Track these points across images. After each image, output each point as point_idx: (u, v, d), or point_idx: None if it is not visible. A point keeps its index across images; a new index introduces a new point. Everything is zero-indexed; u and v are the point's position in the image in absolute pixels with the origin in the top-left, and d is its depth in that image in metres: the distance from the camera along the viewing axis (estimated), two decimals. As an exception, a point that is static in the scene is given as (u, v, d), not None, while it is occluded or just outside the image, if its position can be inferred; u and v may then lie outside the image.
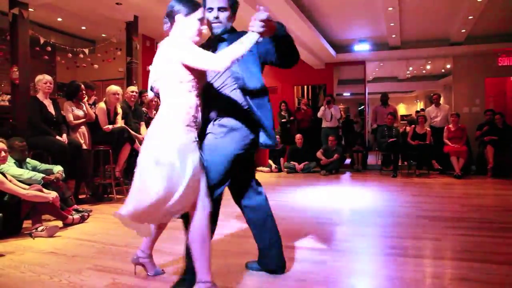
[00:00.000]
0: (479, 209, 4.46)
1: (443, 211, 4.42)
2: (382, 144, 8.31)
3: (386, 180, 7.43)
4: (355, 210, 4.57)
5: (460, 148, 7.64)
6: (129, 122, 5.57)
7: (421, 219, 3.97)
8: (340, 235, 3.40)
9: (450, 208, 4.60)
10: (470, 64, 9.46)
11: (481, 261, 2.62)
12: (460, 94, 9.63)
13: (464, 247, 2.95)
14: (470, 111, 9.44)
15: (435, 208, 4.59)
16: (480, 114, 8.85)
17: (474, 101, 9.48)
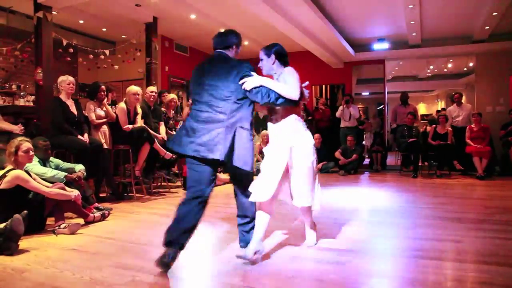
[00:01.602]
0: (503, 211, 4.35)
1: (465, 212, 4.33)
2: (401, 144, 8.19)
3: (406, 181, 7.32)
4: (374, 211, 4.52)
5: (483, 149, 7.47)
6: (149, 122, 5.65)
7: (442, 220, 3.89)
8: (359, 236, 3.37)
9: (472, 210, 4.50)
10: (493, 62, 9.24)
11: (505, 265, 2.55)
12: (483, 93, 9.42)
13: (487, 250, 2.89)
14: (494, 110, 9.24)
15: (457, 209, 4.50)
16: (504, 114, 8.66)
17: (498, 100, 9.27)
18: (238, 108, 2.63)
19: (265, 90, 2.65)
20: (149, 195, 5.70)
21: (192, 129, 2.59)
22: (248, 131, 2.66)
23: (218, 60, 2.77)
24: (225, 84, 2.63)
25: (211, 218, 4.10)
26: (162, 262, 2.44)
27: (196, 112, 2.64)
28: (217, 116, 2.58)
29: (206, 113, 2.60)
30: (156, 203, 5.14)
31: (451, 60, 11.22)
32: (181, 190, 6.22)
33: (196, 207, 2.58)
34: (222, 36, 2.85)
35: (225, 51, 2.83)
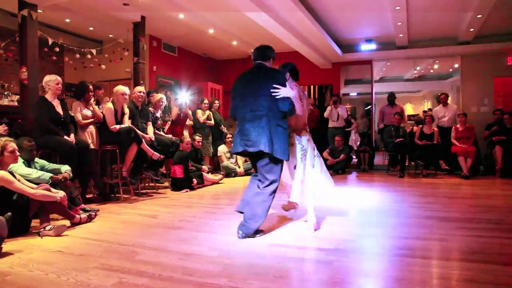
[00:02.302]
0: (487, 210, 4.42)
1: (450, 211, 4.38)
2: (389, 144, 8.27)
3: (393, 180, 7.39)
4: (362, 210, 4.55)
5: (468, 148, 7.58)
6: (136, 122, 5.60)
7: (428, 219, 3.94)
8: (346, 235, 3.39)
9: (457, 209, 4.56)
10: (478, 64, 9.38)
11: (489, 262, 2.59)
12: (468, 94, 9.56)
13: (472, 248, 2.93)
14: (479, 111, 9.38)
15: (443, 208, 4.56)
16: (489, 114, 8.79)
17: (483, 100, 9.42)
18: (274, 110, 3.19)
19: (290, 101, 3.22)
20: (137, 195, 5.66)
21: (241, 130, 3.25)
22: (282, 127, 3.23)
23: (260, 70, 3.37)
24: (265, 92, 3.20)
25: (199, 219, 4.08)
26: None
27: (243, 115, 3.27)
28: (259, 117, 3.18)
29: (250, 114, 3.21)
30: (143, 203, 5.10)
31: (437, 61, 11.36)
32: (169, 191, 6.19)
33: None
34: (262, 49, 3.47)
35: (264, 63, 3.42)
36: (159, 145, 5.72)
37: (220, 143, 8.40)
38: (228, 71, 11.42)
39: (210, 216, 4.21)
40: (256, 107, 3.22)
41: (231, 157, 8.35)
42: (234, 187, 6.76)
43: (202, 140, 7.46)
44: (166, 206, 4.88)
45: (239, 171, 8.18)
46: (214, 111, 8.53)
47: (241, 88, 3.36)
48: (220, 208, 4.73)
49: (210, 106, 8.47)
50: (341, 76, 10.57)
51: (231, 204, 5.07)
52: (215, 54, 10.96)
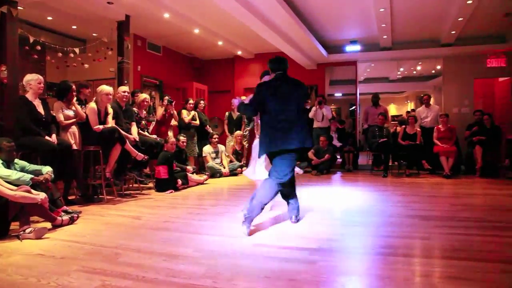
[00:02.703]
0: (468, 208, 4.50)
1: (433, 210, 4.45)
2: (373, 144, 8.35)
3: (377, 180, 7.46)
4: (346, 210, 4.58)
5: (450, 148, 7.71)
6: (120, 122, 5.54)
7: (411, 218, 3.99)
8: (330, 235, 3.41)
9: (439, 208, 4.63)
10: (459, 65, 9.55)
11: (471, 259, 2.64)
12: (450, 95, 9.71)
13: (453, 245, 2.97)
14: (460, 112, 9.55)
15: (425, 207, 4.62)
16: (469, 115, 8.95)
17: (463, 101, 9.59)
18: (298, 112, 3.78)
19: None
20: (120, 197, 5.59)
21: (280, 130, 3.70)
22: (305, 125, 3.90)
23: (285, 79, 3.90)
24: (292, 98, 3.77)
25: (184, 219, 4.05)
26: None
27: (276, 118, 3.73)
28: (291, 120, 3.72)
29: (283, 115, 3.72)
30: (127, 205, 5.04)
31: (420, 62, 11.50)
32: (153, 192, 6.13)
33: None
34: (280, 62, 3.99)
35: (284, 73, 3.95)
36: (143, 146, 5.67)
37: (205, 144, 8.36)
38: (213, 71, 11.39)
39: (195, 217, 4.19)
40: (289, 111, 3.77)
41: (216, 158, 8.32)
42: (219, 188, 6.73)
43: (187, 140, 7.42)
44: (150, 207, 4.84)
45: (224, 172, 8.16)
46: (200, 112, 8.49)
47: (271, 96, 3.80)
48: (205, 209, 4.71)
49: (195, 106, 8.42)
50: (326, 76, 10.63)
51: (216, 204, 5.05)
52: (201, 54, 10.91)
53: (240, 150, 9.07)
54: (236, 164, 8.67)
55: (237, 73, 11.18)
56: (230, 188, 6.74)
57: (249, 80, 10.96)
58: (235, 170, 8.52)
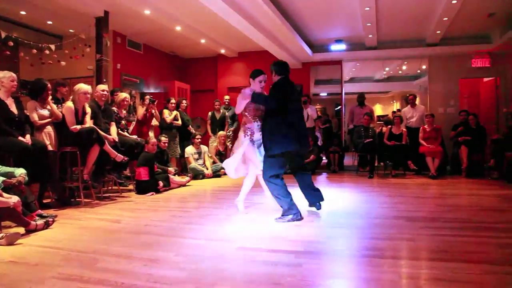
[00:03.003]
0: (454, 209, 4.57)
1: (418, 211, 4.51)
2: (358, 145, 8.42)
3: (363, 181, 7.53)
4: (331, 212, 4.60)
5: (435, 149, 7.82)
6: (99, 122, 5.45)
7: (397, 219, 4.03)
8: (316, 237, 3.42)
9: (425, 209, 4.69)
10: (445, 65, 9.71)
11: (456, 260, 2.67)
12: (435, 95, 9.86)
13: (439, 247, 3.01)
14: (445, 112, 9.70)
15: (411, 208, 4.68)
16: (454, 115, 9.10)
17: (449, 101, 9.75)
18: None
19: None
20: (99, 200, 5.50)
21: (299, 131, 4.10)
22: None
23: (290, 82, 4.24)
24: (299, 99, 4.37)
25: (165, 223, 4.01)
26: None
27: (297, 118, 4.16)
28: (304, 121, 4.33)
29: (301, 116, 4.32)
30: (106, 208, 4.97)
31: (405, 62, 11.67)
32: (133, 194, 6.06)
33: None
34: (286, 66, 4.29)
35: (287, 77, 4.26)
36: (123, 146, 5.60)
37: (188, 144, 8.31)
38: (196, 70, 11.34)
39: (177, 220, 4.15)
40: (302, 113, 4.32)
41: (198, 159, 8.28)
42: (201, 190, 6.69)
43: (169, 141, 7.37)
44: (130, 210, 4.77)
45: (207, 173, 8.12)
46: (182, 111, 8.44)
47: (291, 95, 4.11)
48: (187, 212, 4.67)
49: (177, 106, 8.37)
50: (311, 76, 10.69)
51: (199, 207, 5.02)
52: (183, 52, 10.85)
53: (223, 151, 9.04)
54: (219, 165, 8.63)
55: (220, 72, 11.15)
56: (213, 190, 6.71)
57: (233, 79, 10.96)
58: (218, 171, 8.48)
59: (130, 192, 6.25)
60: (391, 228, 3.67)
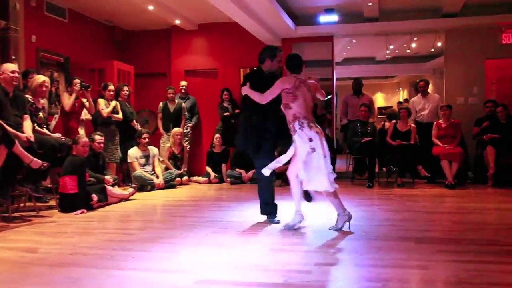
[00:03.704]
0: (477, 228, 4.64)
1: (431, 231, 4.57)
2: (354, 145, 8.46)
3: (360, 191, 7.61)
4: (320, 231, 4.60)
5: (453, 150, 7.92)
6: (6, 114, 5.33)
7: (404, 241, 4.06)
8: (300, 265, 3.40)
9: (440, 227, 4.76)
10: (466, 42, 9.76)
11: (481, 294, 2.70)
12: (454, 81, 9.94)
13: (459, 277, 3.03)
14: (466, 102, 9.75)
15: (422, 227, 4.73)
16: (478, 106, 9.20)
17: (471, 89, 9.78)
18: None
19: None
20: (6, 221, 5.33)
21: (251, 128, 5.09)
22: None
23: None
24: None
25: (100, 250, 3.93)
26: None
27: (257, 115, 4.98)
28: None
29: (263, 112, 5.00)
30: (16, 232, 4.82)
31: (415, 38, 11.77)
32: (56, 213, 5.92)
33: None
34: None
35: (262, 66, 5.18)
36: (41, 148, 5.52)
37: (131, 145, 8.21)
38: (142, 46, 11.17)
39: (116, 246, 4.07)
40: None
41: (146, 164, 8.17)
42: (150, 205, 6.63)
43: (106, 140, 7.29)
44: (51, 235, 4.66)
45: (157, 183, 8.02)
46: (123, 101, 8.31)
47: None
48: (130, 234, 4.60)
49: (117, 94, 8.24)
50: (293, 55, 10.70)
51: (146, 228, 4.97)
52: (124, 22, 10.67)
53: (179, 154, 8.96)
54: (173, 172, 8.55)
55: (175, 50, 11.03)
56: (166, 205, 6.66)
57: (191, 60, 10.87)
58: (173, 181, 8.39)
59: (51, 210, 6.11)
60: (398, 253, 3.69)
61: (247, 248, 3.98)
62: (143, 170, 8.09)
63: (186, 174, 9.02)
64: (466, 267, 3.25)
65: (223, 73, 10.65)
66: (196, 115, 10.11)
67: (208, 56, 10.84)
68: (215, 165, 9.32)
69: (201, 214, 5.69)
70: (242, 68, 10.89)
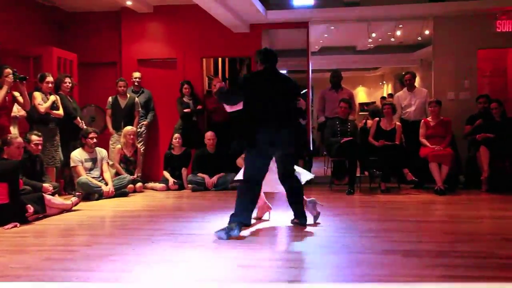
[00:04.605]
0: (470, 239, 4.71)
1: (420, 242, 4.61)
2: (332, 146, 8.49)
3: (339, 198, 7.66)
4: (295, 245, 4.61)
5: (443, 151, 8.01)
6: None
7: (389, 255, 4.09)
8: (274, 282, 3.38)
9: (430, 239, 4.81)
10: (457, 30, 9.89)
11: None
12: (443, 73, 10.06)
13: (450, 294, 3.07)
14: (457, 97, 9.88)
15: (409, 238, 4.78)
16: (470, 102, 9.33)
17: (463, 83, 9.92)
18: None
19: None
20: None
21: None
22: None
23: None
24: None
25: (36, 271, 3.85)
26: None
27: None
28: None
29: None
30: None
31: (400, 25, 11.87)
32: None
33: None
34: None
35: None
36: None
37: (75, 146, 8.10)
38: (87, 31, 10.99)
39: (56, 266, 4.00)
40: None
41: (93, 168, 8.05)
42: (97, 217, 6.55)
43: (44, 141, 7.19)
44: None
45: (105, 191, 7.91)
46: (64, 95, 8.18)
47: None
48: (74, 252, 4.52)
49: (57, 87, 8.10)
50: (263, 44, 10.65)
51: (93, 243, 4.89)
52: (66, 2, 10.50)
53: (132, 156, 8.87)
54: (125, 178, 8.45)
55: (126, 35, 10.89)
56: (116, 217, 6.59)
57: (146, 47, 10.75)
58: (125, 188, 8.29)
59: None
60: (382, 268, 3.71)
61: (211, 264, 3.95)
62: (89, 175, 7.98)
63: (140, 180, 8.92)
64: (458, 284, 3.29)
65: (183, 63, 10.53)
66: (151, 112, 10.00)
67: (165, 44, 10.72)
68: (174, 170, 9.25)
69: (158, 226, 5.63)
70: (205, 58, 10.85)
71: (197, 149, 9.20)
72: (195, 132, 9.64)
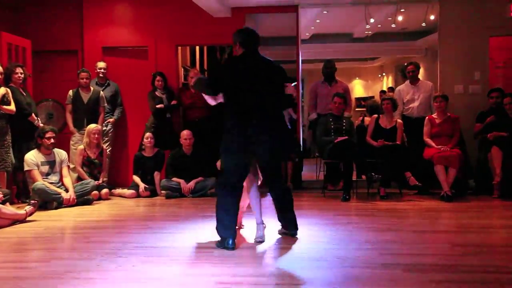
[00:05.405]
0: (480, 252, 4.74)
1: (424, 255, 4.64)
2: (325, 146, 8.50)
3: (333, 206, 7.67)
4: (282, 259, 4.62)
5: (450, 152, 8.03)
6: None
7: (390, 269, 4.11)
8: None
9: (435, 251, 4.84)
10: (466, 14, 9.90)
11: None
12: (450, 64, 10.09)
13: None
14: (466, 91, 9.92)
15: (412, 250, 4.81)
16: (481, 96, 9.39)
17: (472, 75, 9.93)
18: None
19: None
20: None
21: None
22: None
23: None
24: None
25: None
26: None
27: None
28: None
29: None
30: None
31: (402, 10, 11.94)
32: None
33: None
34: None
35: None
36: None
37: (29, 147, 8.05)
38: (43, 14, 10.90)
39: (8, 285, 3.97)
40: None
41: (50, 173, 8.01)
42: (56, 228, 6.51)
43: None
44: None
45: (66, 198, 7.87)
46: (16, 88, 8.13)
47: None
48: (28, 268, 4.52)
49: (7, 78, 8.05)
50: (247, 30, 10.71)
51: (51, 258, 4.87)
52: (19, -18, 10.45)
53: (97, 159, 8.83)
54: (89, 183, 8.41)
55: (89, 19, 10.82)
56: (78, 228, 6.56)
57: (112, 34, 10.68)
58: (88, 195, 8.25)
59: None
60: (381, 284, 3.74)
61: (187, 281, 3.96)
62: (47, 181, 7.93)
63: (106, 185, 8.89)
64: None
65: (155, 52, 10.46)
66: (119, 107, 9.95)
67: (134, 30, 10.63)
68: (146, 174, 9.22)
69: (127, 239, 5.60)
70: (180, 46, 10.81)
71: (171, 150, 9.18)
72: (169, 131, 9.61)
